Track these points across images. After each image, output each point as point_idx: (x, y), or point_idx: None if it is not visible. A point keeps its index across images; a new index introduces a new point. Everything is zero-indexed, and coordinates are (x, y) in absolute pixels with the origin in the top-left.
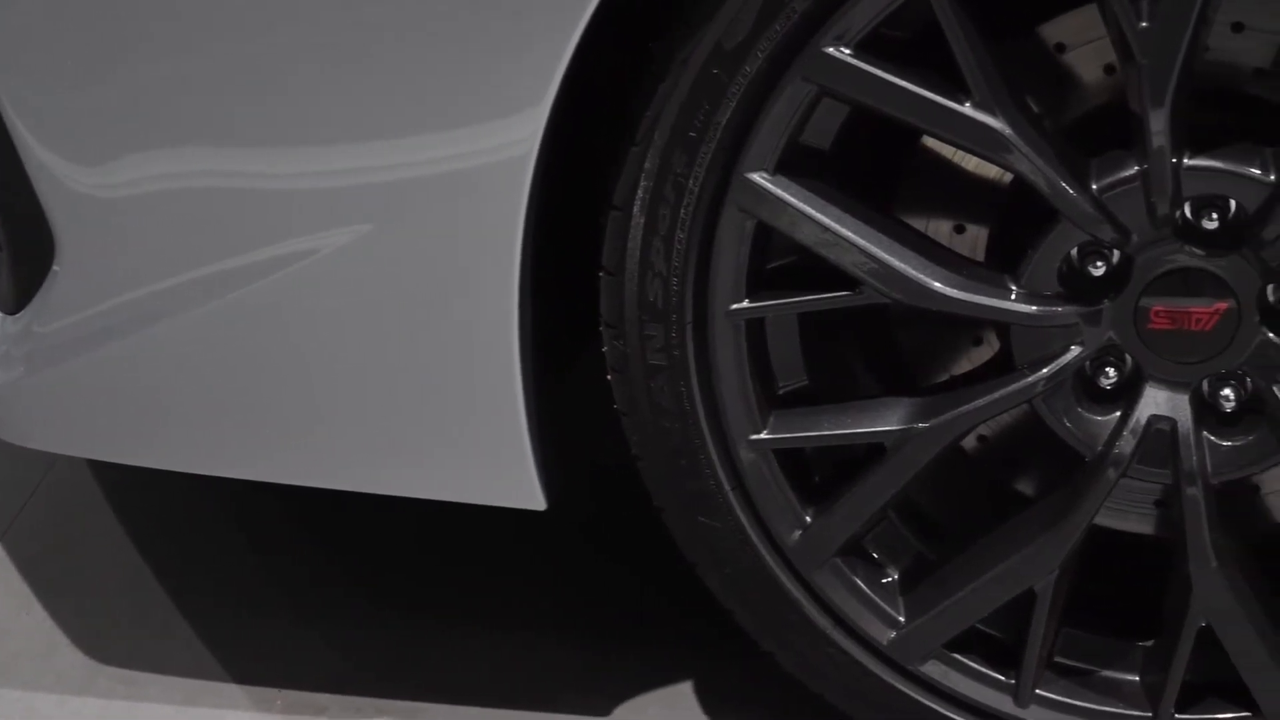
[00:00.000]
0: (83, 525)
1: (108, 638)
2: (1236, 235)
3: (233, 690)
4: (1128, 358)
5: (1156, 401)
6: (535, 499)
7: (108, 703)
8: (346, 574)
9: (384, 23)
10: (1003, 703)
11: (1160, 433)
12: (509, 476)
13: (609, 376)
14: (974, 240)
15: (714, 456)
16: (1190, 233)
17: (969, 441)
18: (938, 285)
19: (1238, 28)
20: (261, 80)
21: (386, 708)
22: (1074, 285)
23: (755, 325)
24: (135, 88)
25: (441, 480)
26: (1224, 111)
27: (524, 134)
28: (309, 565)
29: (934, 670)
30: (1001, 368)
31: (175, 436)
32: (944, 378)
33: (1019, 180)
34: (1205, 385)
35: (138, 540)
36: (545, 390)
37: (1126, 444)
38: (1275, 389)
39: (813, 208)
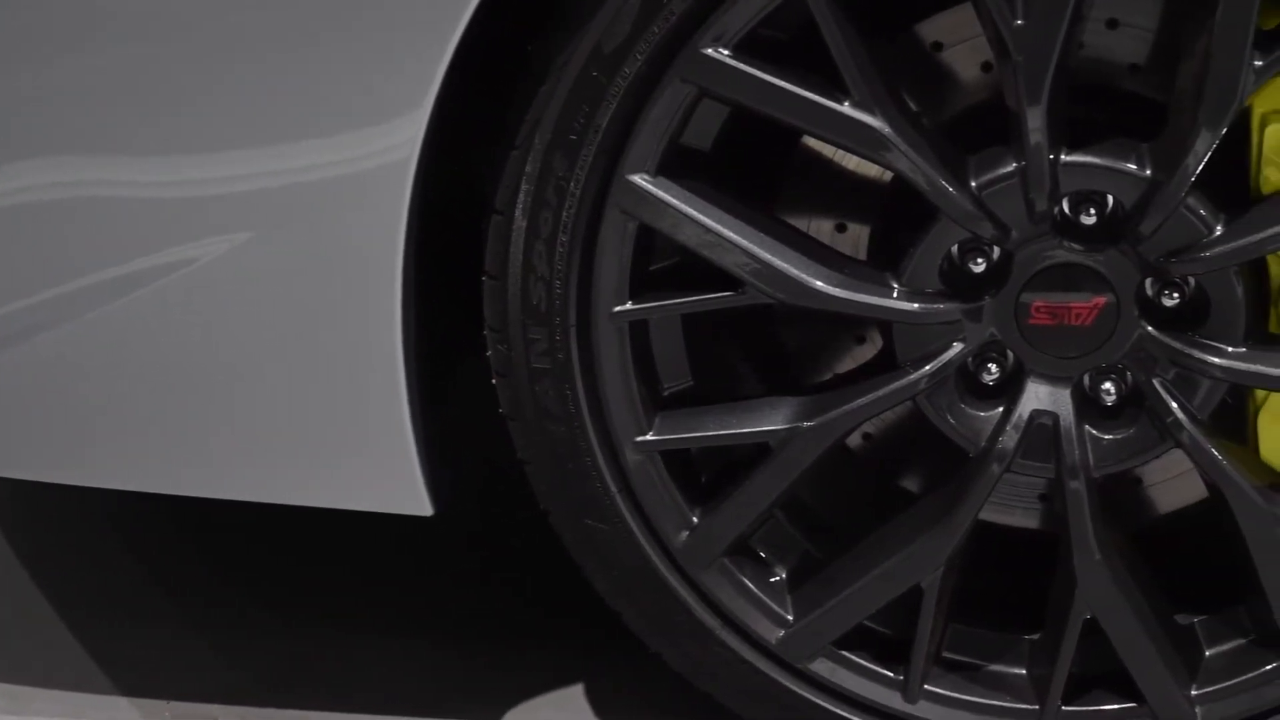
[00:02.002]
0: None
1: None
2: (1114, 230)
3: (120, 703)
4: (1009, 353)
5: (1038, 396)
6: (422, 505)
7: None
8: (234, 583)
9: (260, 28)
10: (891, 699)
11: (1043, 427)
12: (395, 483)
13: (494, 381)
14: (856, 239)
15: (600, 459)
16: (1069, 228)
17: (854, 439)
18: (820, 284)
19: (1112, 24)
20: (136, 88)
21: (276, 717)
22: (955, 282)
23: (639, 327)
24: (5, 97)
25: (327, 487)
26: (1100, 107)
27: (404, 138)
28: (196, 575)
29: (822, 668)
30: (884, 365)
31: (56, 449)
32: (828, 376)
33: (899, 179)
34: (1086, 380)
35: (19, 551)
36: (431, 395)
37: (1009, 439)
38: (1155, 382)
39: (694, 209)
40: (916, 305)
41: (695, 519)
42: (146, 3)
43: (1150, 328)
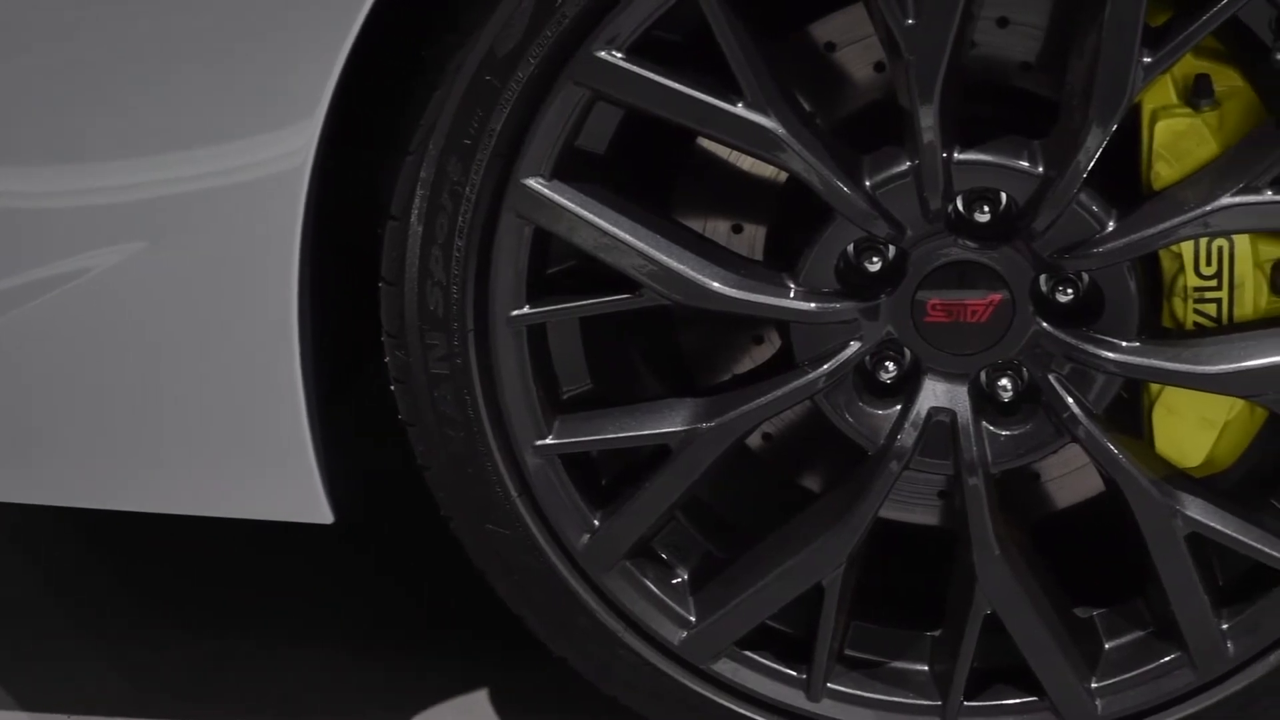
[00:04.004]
0: None
1: None
2: (1008, 227)
3: (21, 717)
4: (906, 351)
5: (936, 394)
6: (322, 513)
7: None
8: (135, 595)
9: (151, 36)
10: (795, 698)
11: (940, 424)
12: (295, 491)
13: (392, 387)
14: (752, 239)
15: (500, 463)
16: (963, 226)
17: (754, 439)
18: (716, 285)
19: (1003, 22)
20: (24, 96)
21: None
22: (851, 281)
23: (537, 331)
24: None
25: (227, 497)
26: (992, 105)
27: (297, 145)
28: (96, 587)
29: (726, 668)
30: (783, 365)
31: None
32: (727, 377)
33: (794, 179)
34: (983, 376)
35: None
36: (331, 402)
37: (908, 437)
38: (1050, 378)
39: (590, 211)
40: (813, 305)
41: (596, 522)
42: (39, 10)
43: (1045, 324)
